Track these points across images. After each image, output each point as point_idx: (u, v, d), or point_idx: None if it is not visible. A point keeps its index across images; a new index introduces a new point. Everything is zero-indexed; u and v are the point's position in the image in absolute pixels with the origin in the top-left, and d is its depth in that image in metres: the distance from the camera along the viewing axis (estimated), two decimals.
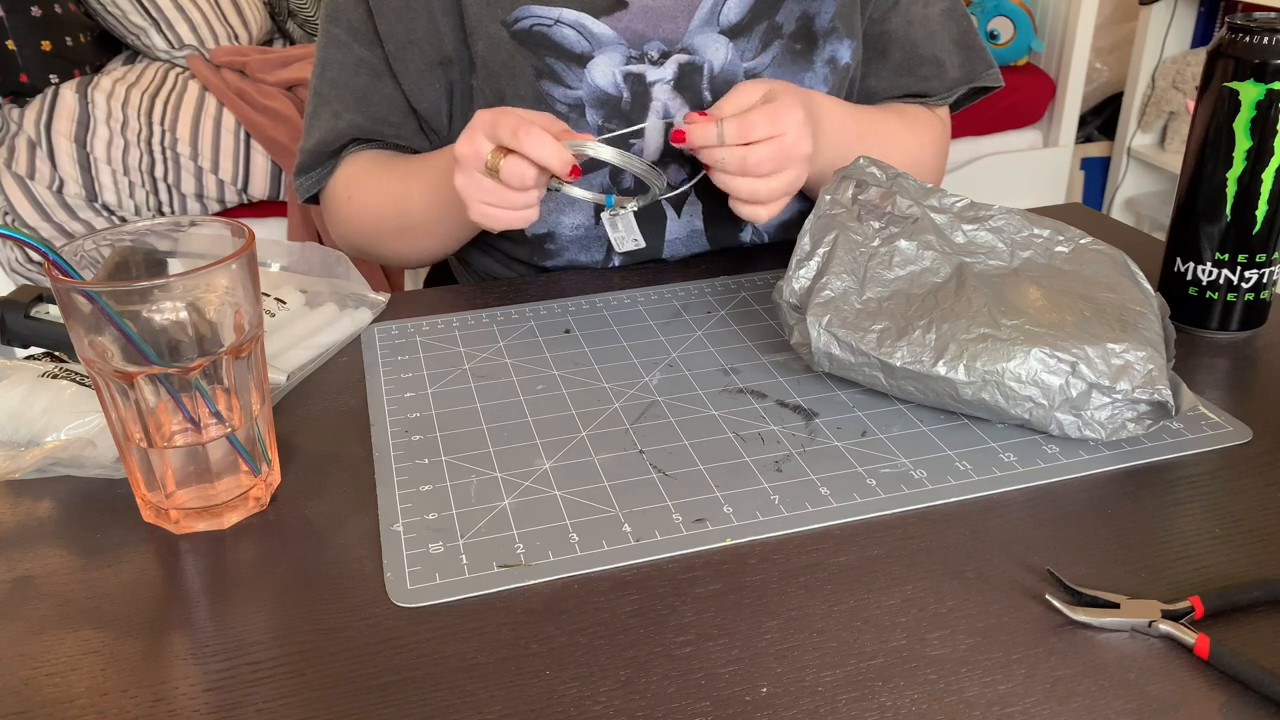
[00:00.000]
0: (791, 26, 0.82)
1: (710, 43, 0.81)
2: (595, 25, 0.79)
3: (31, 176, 1.92)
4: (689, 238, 0.85)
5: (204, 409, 0.51)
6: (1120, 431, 0.56)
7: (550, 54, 0.79)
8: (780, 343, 0.69)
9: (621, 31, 0.79)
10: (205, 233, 0.54)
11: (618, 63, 0.80)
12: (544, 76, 0.79)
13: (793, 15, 0.82)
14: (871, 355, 0.59)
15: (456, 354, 0.69)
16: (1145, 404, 0.56)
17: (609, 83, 0.80)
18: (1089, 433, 0.57)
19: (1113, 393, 0.55)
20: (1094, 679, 0.42)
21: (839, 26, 0.83)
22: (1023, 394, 0.56)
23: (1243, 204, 0.66)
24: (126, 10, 2.09)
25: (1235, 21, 0.64)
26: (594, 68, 0.79)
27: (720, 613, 0.46)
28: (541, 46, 0.79)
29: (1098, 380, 0.55)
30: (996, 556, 0.49)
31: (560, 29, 0.79)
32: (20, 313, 0.60)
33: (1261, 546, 0.50)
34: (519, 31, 0.79)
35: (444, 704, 0.42)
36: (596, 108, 0.80)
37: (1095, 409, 0.56)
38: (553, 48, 0.79)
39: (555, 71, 0.79)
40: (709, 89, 0.81)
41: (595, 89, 0.79)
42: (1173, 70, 2.55)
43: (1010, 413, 0.57)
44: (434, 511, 0.53)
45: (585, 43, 0.79)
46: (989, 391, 0.57)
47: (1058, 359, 0.56)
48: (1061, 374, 0.56)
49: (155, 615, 0.47)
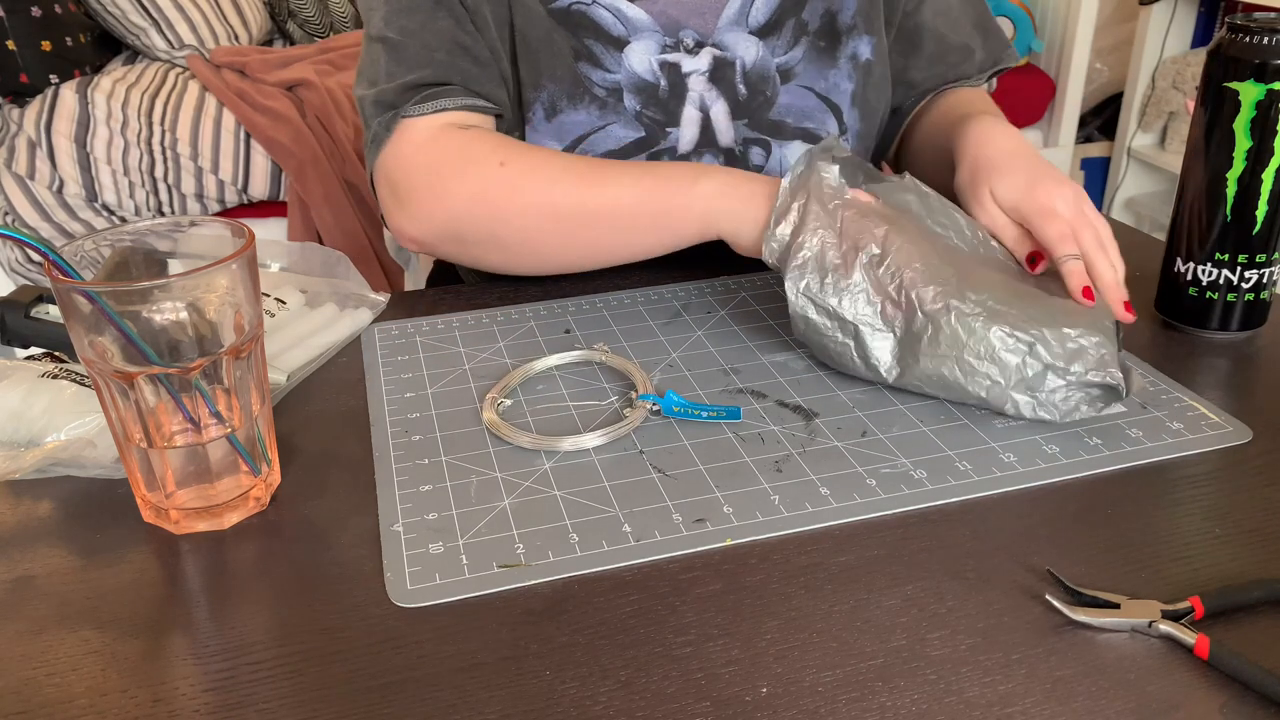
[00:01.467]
0: (816, 23, 0.83)
1: (740, 40, 0.82)
2: (630, 9, 0.79)
3: (31, 176, 1.92)
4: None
5: (204, 409, 0.51)
6: (1074, 414, 0.58)
7: (588, 35, 0.79)
8: (781, 343, 0.69)
9: (656, 16, 0.80)
10: (205, 233, 0.54)
11: (654, 50, 0.80)
12: (582, 58, 0.79)
13: (817, 12, 0.83)
14: (846, 319, 0.61)
15: (456, 354, 0.69)
16: (1098, 387, 0.58)
17: (646, 70, 0.80)
18: (1044, 414, 0.58)
19: (1067, 374, 0.57)
20: (1094, 679, 0.42)
21: (859, 23, 0.84)
22: (980, 370, 0.58)
23: (1243, 204, 0.66)
24: (126, 10, 2.09)
25: (1235, 21, 0.64)
26: (631, 53, 0.79)
27: (720, 613, 0.46)
28: (580, 27, 0.79)
29: (1053, 362, 0.57)
30: (996, 556, 0.49)
31: (597, 10, 0.79)
32: (20, 313, 0.60)
33: (1261, 546, 0.50)
34: (557, 10, 0.78)
35: (444, 704, 0.42)
36: (634, 94, 0.80)
37: (1050, 391, 0.58)
38: (590, 28, 0.79)
39: (594, 54, 0.79)
40: (743, 83, 0.82)
41: (633, 75, 0.80)
42: (1173, 70, 2.55)
43: (968, 390, 0.59)
44: (434, 511, 0.53)
45: (621, 26, 0.79)
46: (948, 367, 0.59)
47: (1016, 339, 0.58)
48: (1019, 353, 0.58)
49: (155, 615, 0.47)
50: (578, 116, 0.79)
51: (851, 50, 0.84)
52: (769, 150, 0.84)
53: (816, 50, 0.83)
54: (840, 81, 0.84)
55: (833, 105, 0.84)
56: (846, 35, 0.83)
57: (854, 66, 0.84)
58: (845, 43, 0.83)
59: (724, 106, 0.82)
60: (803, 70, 0.83)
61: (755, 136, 0.83)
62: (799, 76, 0.83)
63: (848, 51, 0.84)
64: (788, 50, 0.82)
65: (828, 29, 0.83)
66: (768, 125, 0.83)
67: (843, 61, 0.84)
